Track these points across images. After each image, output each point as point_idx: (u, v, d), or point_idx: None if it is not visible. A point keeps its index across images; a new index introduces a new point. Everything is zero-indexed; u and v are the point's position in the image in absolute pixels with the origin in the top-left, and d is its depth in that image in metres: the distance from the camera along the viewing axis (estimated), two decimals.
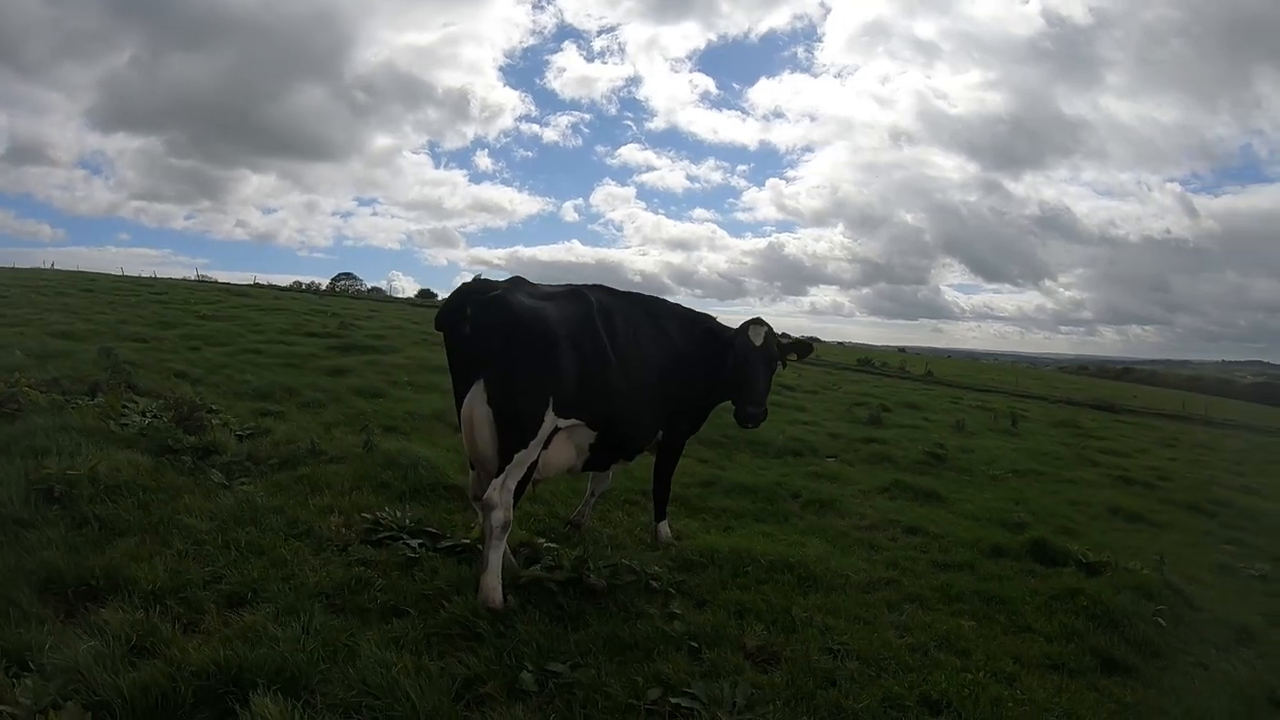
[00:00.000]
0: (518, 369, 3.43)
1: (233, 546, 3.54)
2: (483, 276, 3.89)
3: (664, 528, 4.74)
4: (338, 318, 17.62)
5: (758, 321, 4.50)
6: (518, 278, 3.84)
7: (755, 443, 8.81)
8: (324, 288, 47.68)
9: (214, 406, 5.94)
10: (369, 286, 51.99)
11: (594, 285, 4.18)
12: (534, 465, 3.56)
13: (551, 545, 4.10)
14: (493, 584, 3.31)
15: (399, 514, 4.29)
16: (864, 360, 33.26)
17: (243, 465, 4.91)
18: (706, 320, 4.65)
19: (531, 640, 3.01)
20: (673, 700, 2.73)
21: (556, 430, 3.61)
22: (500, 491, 3.39)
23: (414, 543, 3.96)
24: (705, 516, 5.76)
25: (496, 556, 3.36)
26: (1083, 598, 4.30)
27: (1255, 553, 6.17)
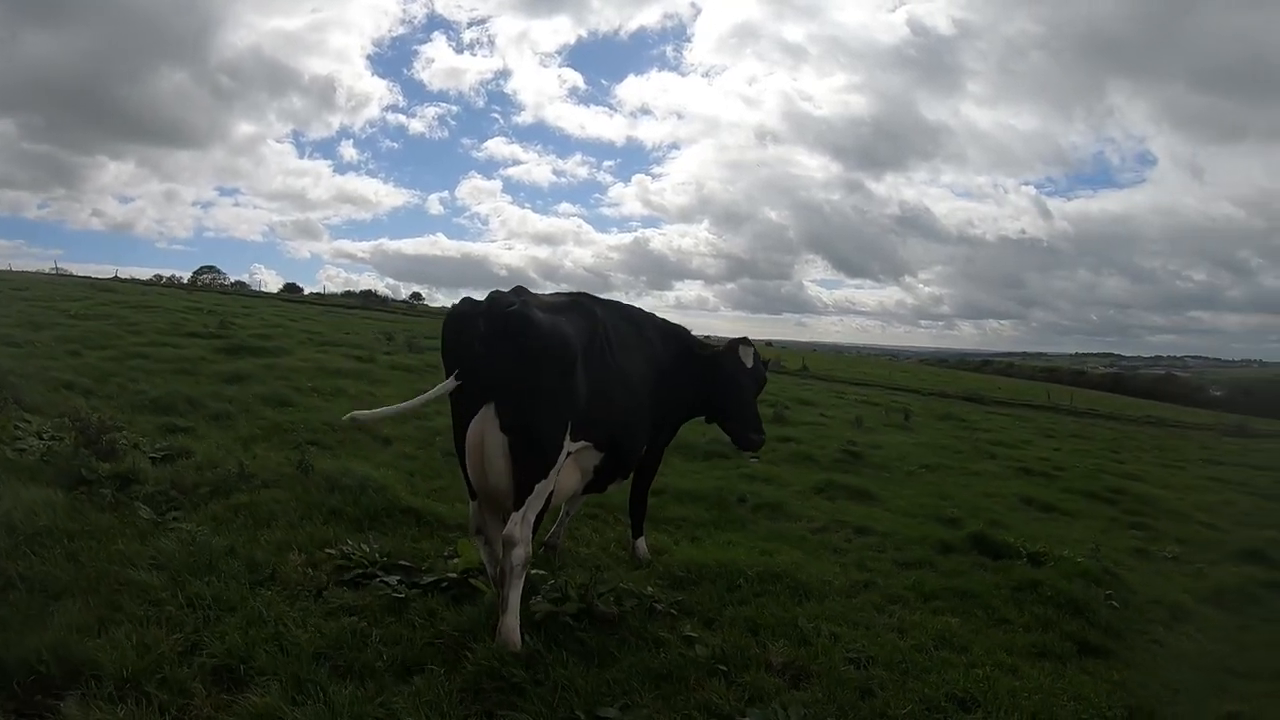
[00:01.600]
0: (539, 391, 3.27)
1: (196, 604, 3.17)
2: (499, 290, 3.64)
3: (642, 544, 4.75)
4: (215, 315, 16.68)
5: (746, 341, 4.57)
6: (520, 287, 3.67)
7: (681, 447, 8.90)
8: (186, 281, 46.38)
9: (118, 424, 5.30)
10: (232, 280, 50.59)
11: (581, 293, 4.09)
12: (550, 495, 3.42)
13: (538, 572, 3.98)
14: (514, 625, 3.18)
15: (365, 547, 4.04)
16: None
17: (169, 496, 4.47)
18: (682, 331, 4.68)
19: (572, 685, 2.93)
20: None
21: (567, 455, 3.50)
22: (521, 526, 3.23)
23: (392, 580, 3.74)
24: (668, 528, 5.79)
25: (517, 597, 3.22)
26: (1045, 588, 4.70)
27: (1160, 536, 6.95)
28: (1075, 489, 9.67)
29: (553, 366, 3.30)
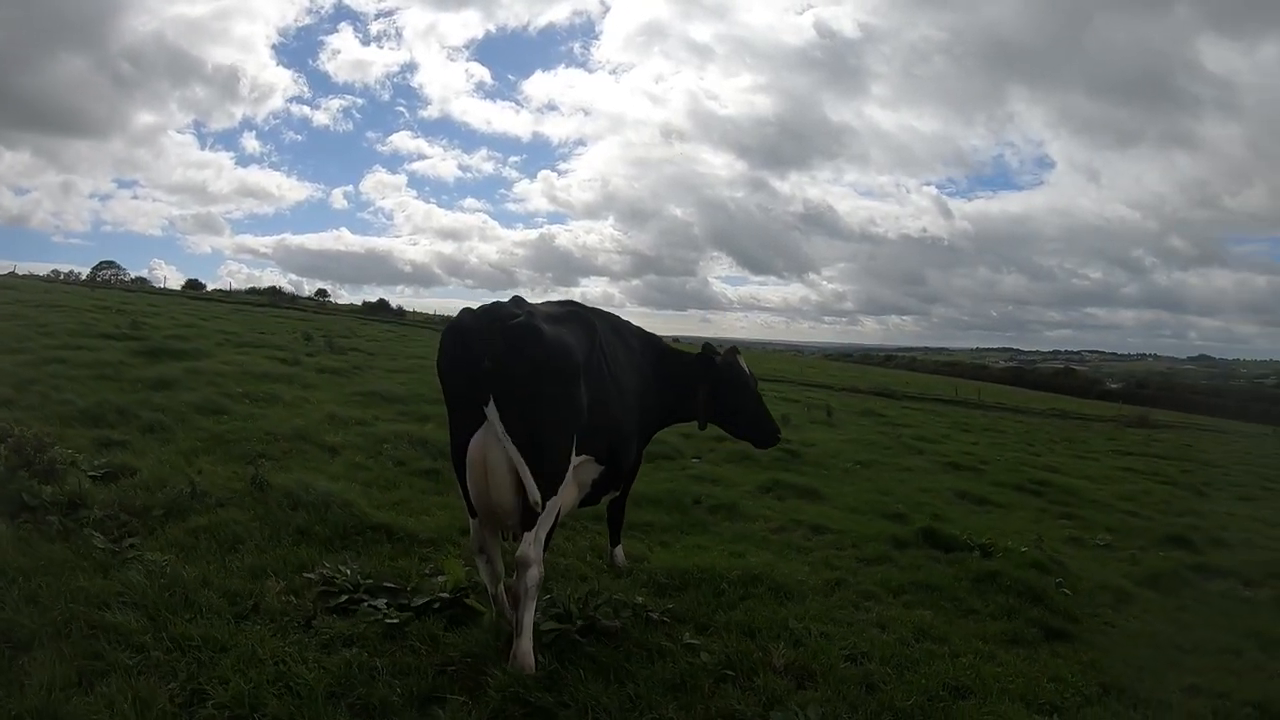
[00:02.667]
0: (548, 405, 3.25)
1: (184, 646, 2.99)
2: (501, 302, 3.59)
3: (619, 552, 4.81)
4: (125, 315, 15.92)
5: (736, 350, 4.69)
6: (518, 297, 3.65)
7: None
8: (85, 277, 44.68)
9: (50, 440, 4.96)
10: (133, 276, 48.97)
11: (572, 302, 4.10)
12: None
13: (508, 580, 3.93)
14: (529, 648, 3.17)
15: (346, 569, 3.93)
16: None
17: (120, 520, 4.22)
18: (657, 339, 4.76)
19: (599, 704, 2.96)
20: None
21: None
22: (535, 546, 3.22)
23: (380, 604, 3.65)
24: (635, 533, 5.86)
25: (530, 618, 3.20)
26: (1004, 578, 5.05)
27: (1090, 525, 7.54)
28: (1003, 482, 10.31)
29: (560, 379, 3.31)
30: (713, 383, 4.60)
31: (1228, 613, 4.94)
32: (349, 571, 3.88)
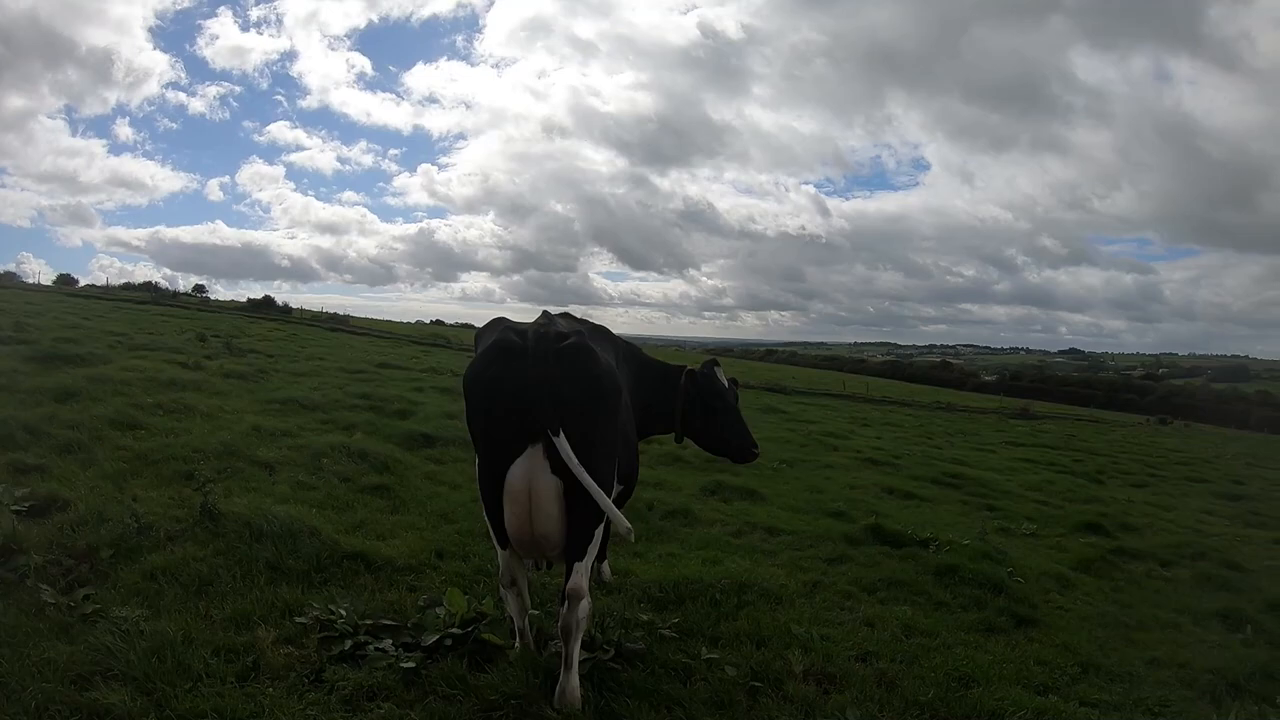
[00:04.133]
0: (598, 430, 3.21)
1: None
2: (504, 317, 3.51)
3: (606, 567, 4.84)
4: (6, 315, 14.45)
5: (715, 362, 4.78)
6: (546, 312, 3.59)
7: None
8: None
9: None
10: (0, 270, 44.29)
11: (576, 318, 4.07)
12: None
13: (533, 613, 3.89)
14: (577, 683, 3.15)
15: (340, 610, 3.71)
16: None
17: (64, 567, 3.80)
18: (637, 349, 4.82)
19: None
20: None
21: None
22: (586, 576, 3.17)
23: (386, 646, 3.49)
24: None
25: (577, 651, 3.17)
26: (963, 571, 5.51)
27: (1011, 516, 8.26)
28: (921, 476, 11.06)
29: (609, 404, 3.27)
30: (691, 395, 4.67)
31: (1157, 592, 5.61)
32: (344, 612, 3.67)
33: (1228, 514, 9.90)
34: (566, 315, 4.03)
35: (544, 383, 3.10)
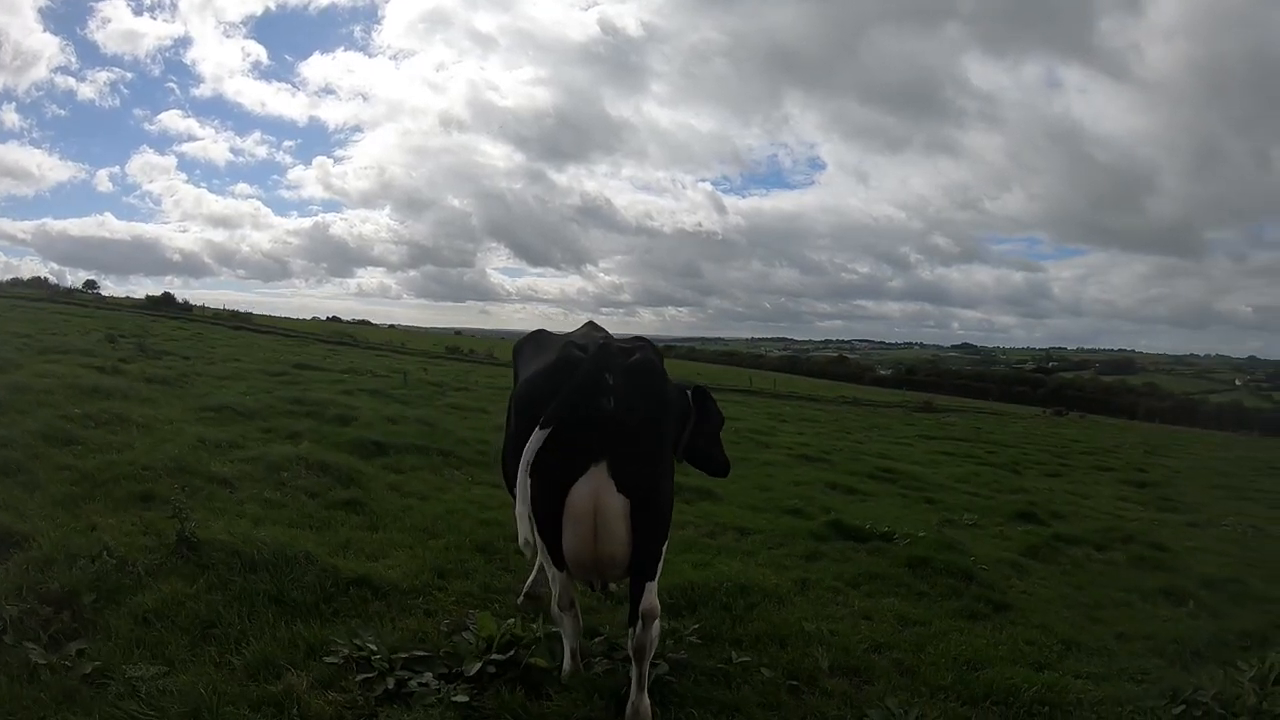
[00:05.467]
0: (664, 448, 3.29)
1: None
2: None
3: None
4: None
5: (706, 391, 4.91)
6: (593, 322, 3.63)
7: None
8: None
9: None
10: None
11: (598, 331, 4.13)
12: None
13: (557, 630, 3.92)
14: (648, 703, 3.23)
15: (369, 644, 3.59)
16: (451, 348, 34.95)
17: (43, 617, 3.45)
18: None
19: None
20: None
21: None
22: (656, 596, 3.22)
23: (429, 679, 3.41)
24: None
25: (648, 671, 3.24)
26: (935, 562, 5.94)
27: (950, 507, 8.88)
28: (856, 471, 11.63)
29: (673, 421, 3.37)
30: (696, 417, 4.82)
31: (1101, 574, 6.26)
32: (374, 646, 3.55)
33: (1139, 500, 11.08)
34: (592, 324, 4.08)
35: (611, 399, 3.11)
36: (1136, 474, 14.24)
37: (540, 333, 4.12)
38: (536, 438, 3.22)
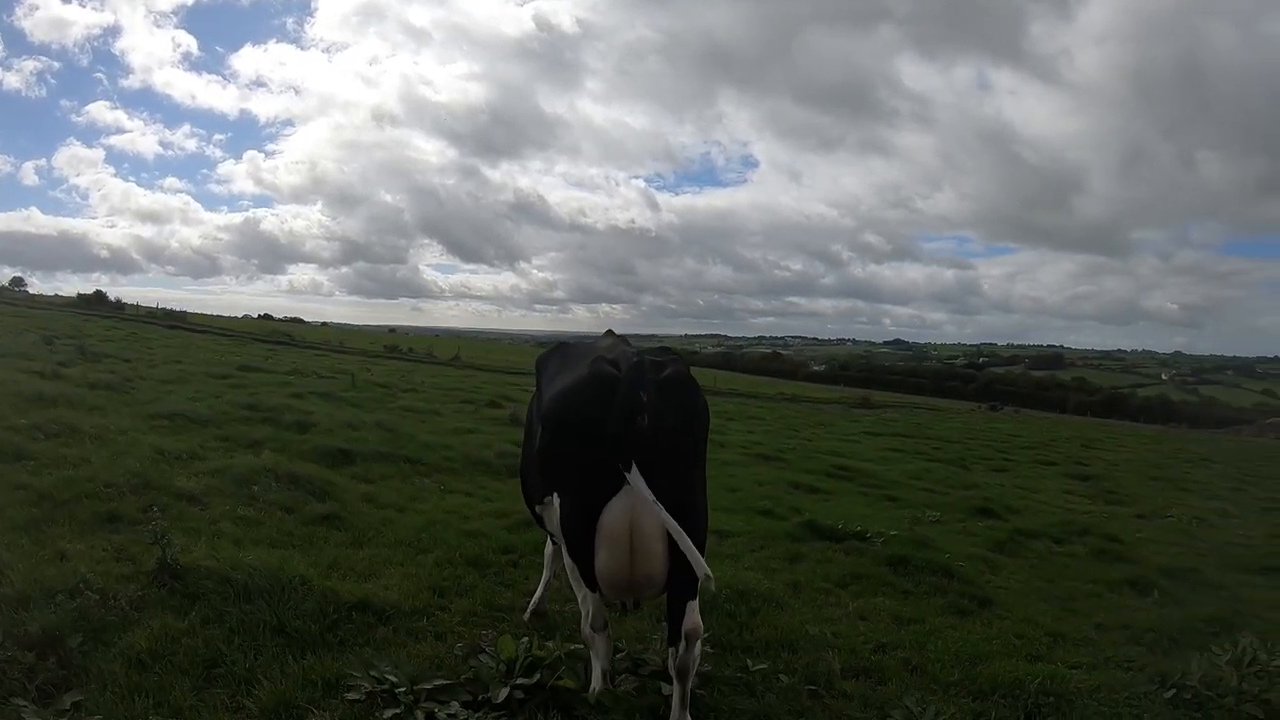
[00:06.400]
0: (699, 464, 3.28)
1: None
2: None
3: None
4: None
5: None
6: (611, 332, 3.58)
7: (478, 463, 8.88)
8: None
9: None
10: None
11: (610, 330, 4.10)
12: None
13: (574, 647, 3.86)
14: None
15: (385, 675, 3.44)
16: (390, 346, 34.30)
17: (26, 664, 3.16)
18: None
19: None
20: None
21: None
22: (698, 614, 3.20)
23: (455, 709, 3.29)
24: None
25: (689, 691, 3.22)
26: (916, 560, 6.13)
27: (911, 504, 9.13)
28: (814, 470, 11.81)
29: (705, 435, 3.34)
30: None
31: (1066, 567, 6.57)
32: (394, 677, 3.41)
33: (1085, 493, 11.64)
34: (610, 333, 4.03)
35: (645, 417, 3.04)
36: (1077, 467, 14.97)
37: (564, 346, 4.05)
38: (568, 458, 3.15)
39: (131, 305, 35.88)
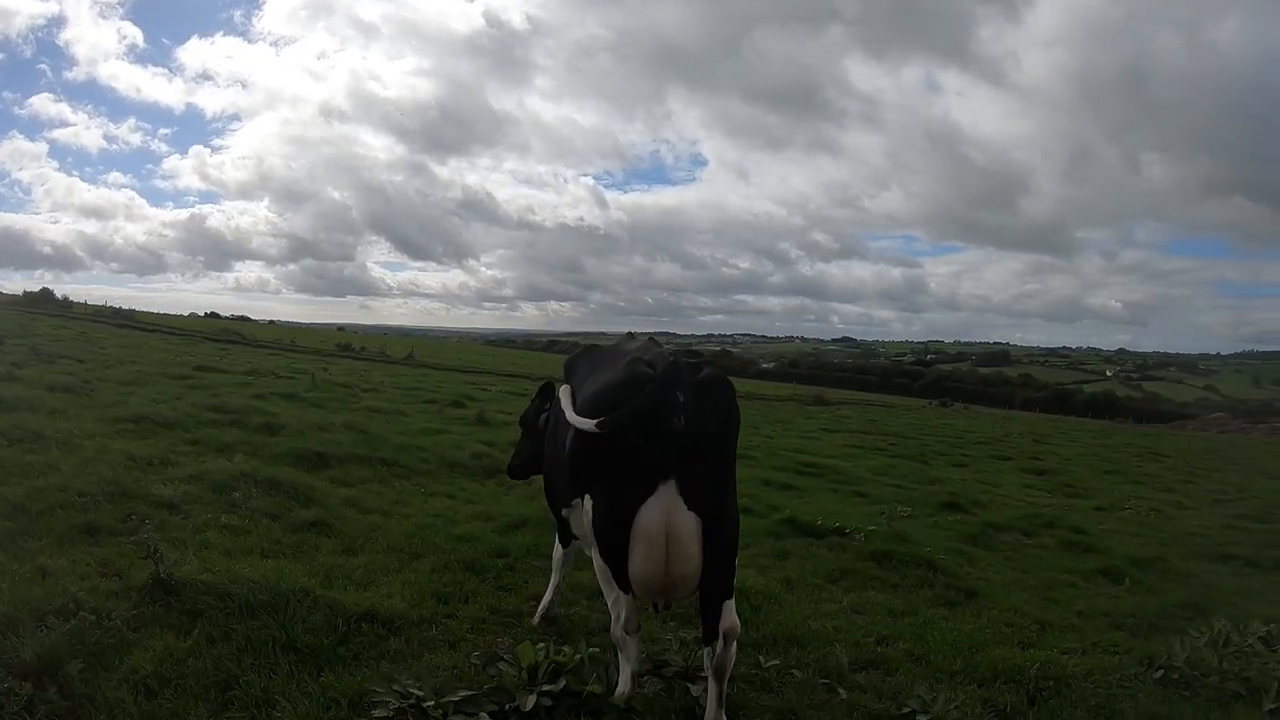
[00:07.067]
0: (731, 462, 3.30)
1: None
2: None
3: None
4: None
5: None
6: (632, 334, 3.54)
7: (454, 465, 8.74)
8: None
9: None
10: None
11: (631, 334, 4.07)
12: None
13: (593, 650, 3.83)
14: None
15: (410, 689, 3.34)
16: (343, 345, 33.63)
17: (23, 696, 2.94)
18: None
19: None
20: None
21: None
22: (735, 614, 3.22)
23: (485, 719, 3.24)
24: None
25: (725, 690, 3.24)
26: (898, 555, 6.27)
27: (881, 500, 9.29)
28: (783, 467, 11.86)
29: (736, 439, 3.36)
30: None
31: (1039, 559, 6.82)
32: (418, 691, 3.32)
33: (1043, 487, 12.07)
34: (630, 336, 4.00)
35: (682, 417, 3.06)
36: (1032, 462, 15.50)
37: (594, 348, 4.02)
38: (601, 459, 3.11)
39: (80, 303, 34.18)
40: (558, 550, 4.43)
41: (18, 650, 3.14)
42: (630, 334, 4.07)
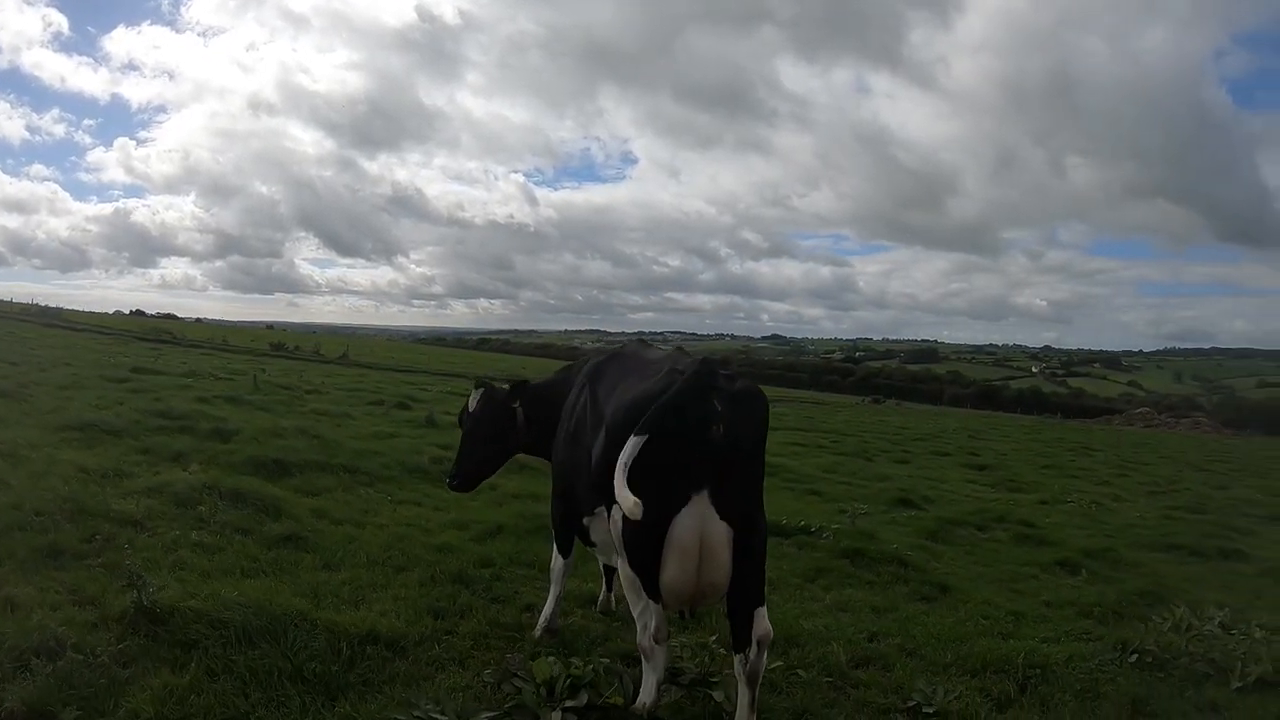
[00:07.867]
0: (762, 472, 3.32)
1: None
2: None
3: (613, 597, 4.86)
4: None
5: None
6: (642, 341, 3.50)
7: (416, 470, 8.52)
8: None
9: None
10: None
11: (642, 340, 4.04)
12: None
13: (606, 661, 3.80)
14: None
15: (433, 715, 3.23)
16: (276, 344, 32.55)
17: None
18: None
19: None
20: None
21: None
22: (768, 620, 3.21)
23: None
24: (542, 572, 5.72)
25: (757, 695, 3.23)
26: (870, 553, 6.40)
27: (835, 498, 9.47)
28: None
29: (765, 445, 3.36)
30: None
31: (996, 552, 7.10)
32: (442, 715, 3.21)
33: (986, 482, 12.56)
34: (642, 341, 3.96)
35: (720, 427, 3.05)
36: (971, 458, 16.08)
37: (620, 354, 3.95)
38: (634, 443, 3.04)
39: (5, 301, 31.80)
40: (557, 561, 4.34)
41: (2, 699, 2.85)
42: (641, 339, 4.03)
